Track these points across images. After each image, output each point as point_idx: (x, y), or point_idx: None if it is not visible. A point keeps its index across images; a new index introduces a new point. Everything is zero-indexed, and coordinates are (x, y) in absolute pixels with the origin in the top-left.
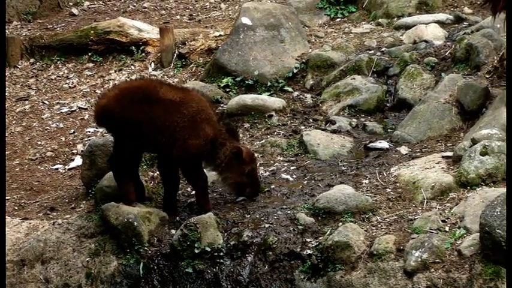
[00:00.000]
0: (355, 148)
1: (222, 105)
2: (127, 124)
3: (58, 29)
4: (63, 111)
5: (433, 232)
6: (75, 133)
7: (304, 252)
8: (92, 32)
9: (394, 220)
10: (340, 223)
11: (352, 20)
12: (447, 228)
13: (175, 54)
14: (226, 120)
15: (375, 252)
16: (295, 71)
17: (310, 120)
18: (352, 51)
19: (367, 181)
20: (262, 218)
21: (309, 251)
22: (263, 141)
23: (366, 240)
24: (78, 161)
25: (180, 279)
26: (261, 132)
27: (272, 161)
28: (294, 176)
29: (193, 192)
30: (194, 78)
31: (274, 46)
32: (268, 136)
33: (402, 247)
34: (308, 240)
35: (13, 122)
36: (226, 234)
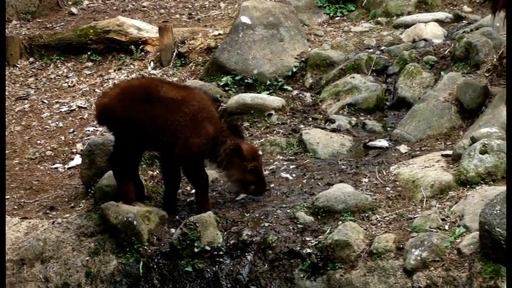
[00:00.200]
0: (354, 147)
1: (221, 105)
2: (128, 123)
3: (57, 28)
4: (62, 110)
5: (432, 231)
6: (75, 132)
7: (304, 251)
8: (91, 31)
9: (394, 219)
10: (340, 222)
11: (351, 18)
12: (447, 227)
13: (175, 53)
14: (228, 118)
15: (374, 251)
16: (295, 69)
17: (310, 119)
18: (351, 50)
19: (367, 180)
20: (262, 216)
21: (309, 250)
22: (262, 140)
23: (366, 239)
24: (77, 160)
25: (180, 278)
26: (260, 131)
27: (272, 160)
28: (293, 174)
29: (193, 191)
30: (193, 77)
31: (274, 45)
32: (268, 135)
33: (402, 246)
34: (308, 239)
35: (12, 121)
36: (225, 233)
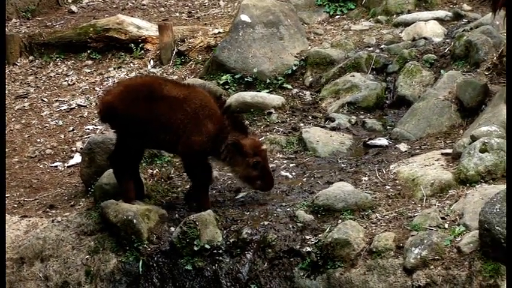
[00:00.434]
0: (354, 145)
1: (225, 101)
2: (130, 121)
3: (57, 26)
4: (62, 108)
5: (432, 229)
6: (75, 130)
7: (304, 250)
8: (91, 29)
9: (394, 217)
10: (340, 220)
11: (351, 17)
12: (446, 226)
13: (174, 52)
14: (231, 114)
15: (374, 250)
16: (295, 68)
17: (310, 117)
18: (351, 48)
19: (367, 178)
20: (262, 215)
21: (309, 248)
22: (262, 138)
23: (366, 238)
24: (77, 158)
25: (180, 277)
26: (260, 129)
27: (271, 158)
28: (293, 173)
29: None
30: (193, 75)
31: (274, 43)
32: (268, 133)
33: (402, 244)
34: (307, 237)
35: (12, 119)
36: (225, 231)
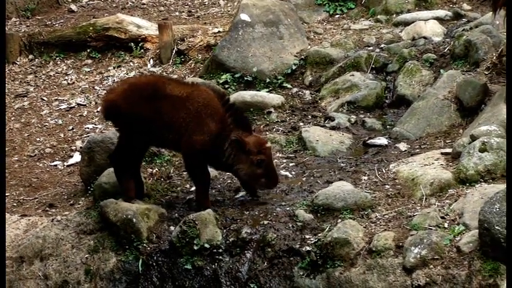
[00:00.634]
0: (354, 145)
1: (229, 99)
2: (133, 120)
3: (57, 25)
4: (62, 107)
5: (432, 229)
6: (74, 130)
7: (303, 249)
8: (91, 28)
9: (393, 217)
10: (339, 220)
11: (351, 16)
12: (446, 225)
13: (174, 51)
14: (235, 112)
15: (374, 249)
16: (294, 67)
17: (309, 116)
18: (351, 47)
19: (366, 178)
20: (261, 214)
21: (308, 248)
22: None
23: (365, 237)
24: (77, 157)
25: (179, 276)
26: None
27: None
28: (292, 172)
29: (193, 188)
30: (193, 74)
31: (273, 43)
32: (267, 133)
33: (401, 244)
34: (307, 236)
35: (12, 118)
36: (225, 230)
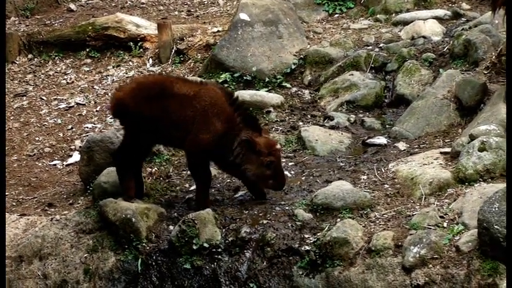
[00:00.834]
0: (353, 144)
1: (237, 99)
2: (141, 118)
3: (56, 24)
4: (61, 107)
5: (431, 228)
6: (73, 129)
7: (303, 248)
8: (90, 27)
9: (392, 216)
10: (339, 219)
11: (350, 15)
12: (445, 224)
13: (173, 50)
14: (244, 111)
15: (373, 248)
16: (293, 67)
17: (308, 116)
18: (350, 47)
19: (365, 177)
20: (261, 214)
21: (307, 247)
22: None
23: (364, 236)
24: (76, 156)
25: (178, 275)
26: None
27: None
28: (292, 172)
29: (192, 188)
30: (192, 74)
31: (272, 42)
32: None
33: (400, 243)
34: (306, 236)
35: (11, 117)
36: (224, 230)
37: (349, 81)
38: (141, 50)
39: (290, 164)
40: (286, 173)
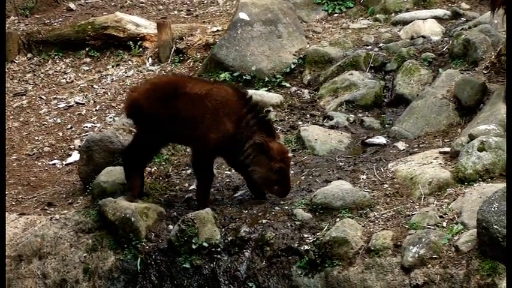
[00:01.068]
0: (352, 144)
1: (251, 100)
2: (155, 119)
3: (55, 24)
4: (60, 106)
5: (430, 228)
6: (73, 128)
7: (302, 248)
8: (90, 27)
9: (392, 216)
10: (338, 219)
11: (349, 15)
12: (444, 224)
13: (173, 50)
14: (258, 113)
15: (372, 248)
16: (293, 66)
17: (308, 115)
18: (349, 46)
19: (365, 177)
20: (260, 213)
21: (307, 247)
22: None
23: (364, 236)
24: (75, 156)
25: (178, 275)
26: None
27: None
28: (291, 171)
29: (191, 187)
30: (192, 73)
31: (272, 41)
32: None
33: (400, 243)
34: (305, 235)
35: (10, 117)
36: (223, 229)
37: (349, 80)
38: (141, 49)
39: None
40: None
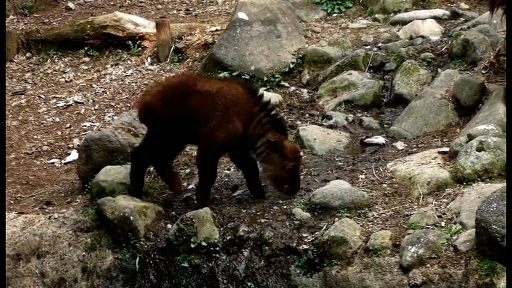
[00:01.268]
0: (351, 143)
1: (263, 97)
2: (168, 120)
3: (54, 23)
4: (59, 105)
5: (429, 227)
6: (72, 127)
7: (300, 247)
8: (89, 26)
9: (390, 215)
10: (336, 218)
11: (348, 15)
12: (443, 224)
13: (172, 49)
14: (270, 111)
15: (370, 248)
16: (292, 66)
17: (307, 115)
18: (348, 46)
19: (364, 176)
20: (259, 212)
21: (305, 246)
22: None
23: (362, 236)
24: (74, 155)
25: (176, 274)
26: None
27: None
28: None
29: (190, 186)
30: (191, 73)
31: (271, 41)
32: None
33: (398, 242)
34: (304, 235)
35: (9, 116)
36: (222, 229)
37: (348, 80)
38: (140, 48)
39: None
40: None
